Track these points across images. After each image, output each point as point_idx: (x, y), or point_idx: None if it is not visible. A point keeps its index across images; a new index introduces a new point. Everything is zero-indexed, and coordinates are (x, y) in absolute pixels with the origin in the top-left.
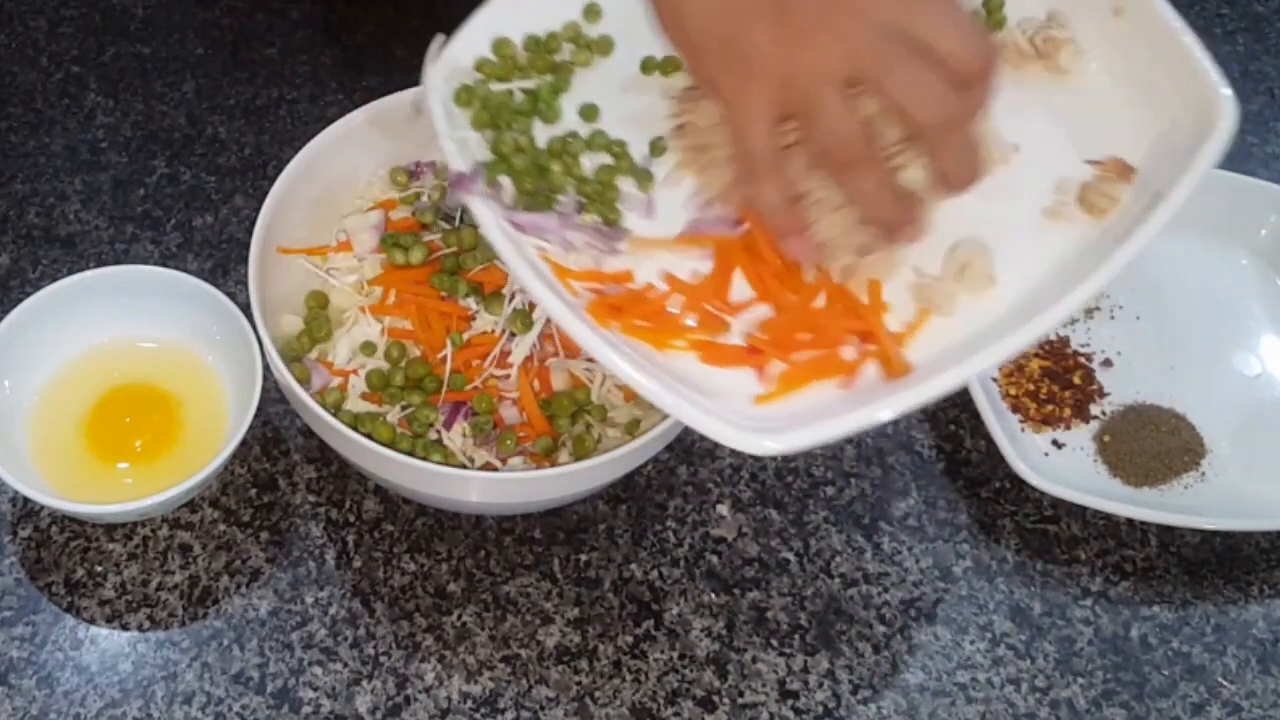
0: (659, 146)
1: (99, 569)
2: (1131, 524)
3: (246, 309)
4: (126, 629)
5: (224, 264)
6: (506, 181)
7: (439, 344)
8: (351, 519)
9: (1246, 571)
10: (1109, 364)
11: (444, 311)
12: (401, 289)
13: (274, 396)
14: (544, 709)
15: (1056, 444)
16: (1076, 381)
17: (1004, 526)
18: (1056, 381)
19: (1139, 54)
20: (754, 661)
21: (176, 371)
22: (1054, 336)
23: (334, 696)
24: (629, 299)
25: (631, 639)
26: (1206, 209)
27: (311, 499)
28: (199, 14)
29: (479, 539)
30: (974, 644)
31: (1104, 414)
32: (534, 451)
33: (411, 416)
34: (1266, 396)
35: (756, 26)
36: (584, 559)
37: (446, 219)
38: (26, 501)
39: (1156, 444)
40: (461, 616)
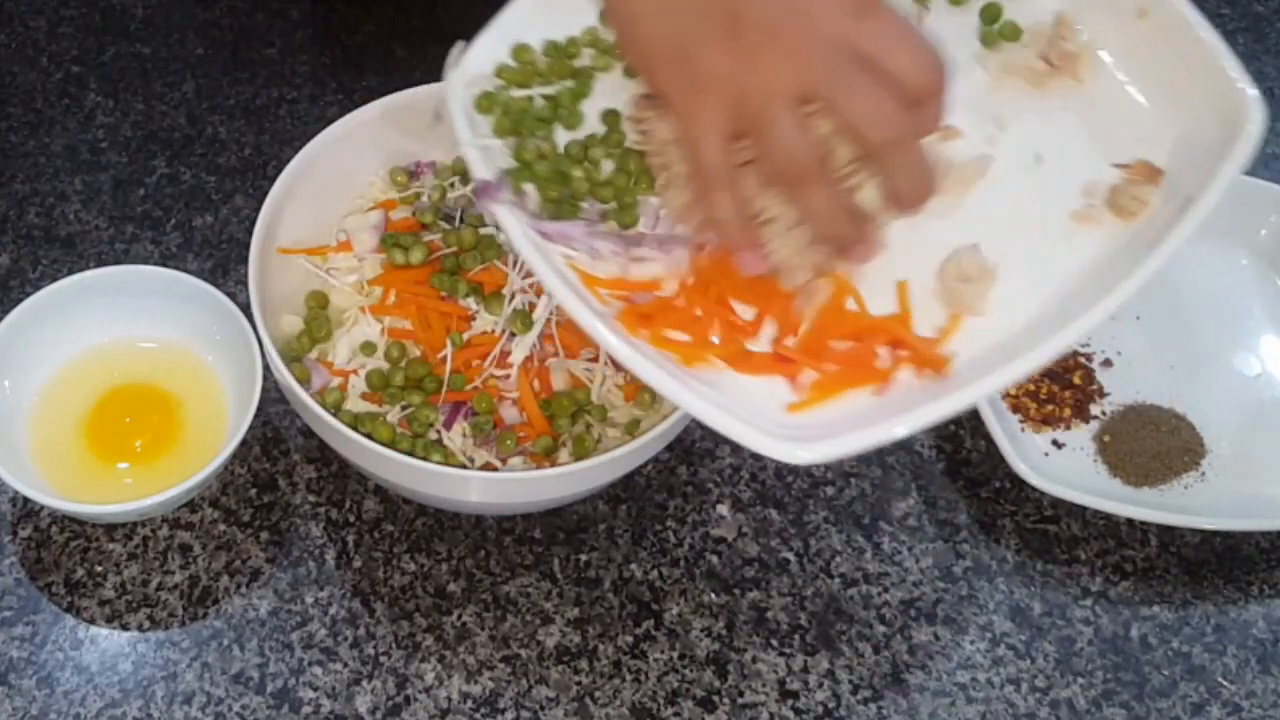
0: None
1: (99, 569)
2: (1131, 524)
3: (246, 309)
4: (126, 629)
5: (224, 264)
6: (530, 189)
7: (439, 344)
8: (351, 519)
9: (1246, 571)
10: (1109, 364)
11: (444, 311)
12: (401, 289)
13: (274, 396)
14: (544, 709)
15: (1056, 444)
16: (1076, 381)
17: (1004, 526)
18: (1056, 381)
19: (1163, 55)
20: (754, 661)
21: (176, 371)
22: None
23: (334, 696)
24: (658, 307)
25: (631, 639)
26: None
27: (311, 499)
28: (199, 14)
29: (479, 539)
30: (974, 644)
31: (1104, 414)
32: (534, 451)
33: (411, 416)
34: (1266, 396)
35: (708, 42)
36: (584, 559)
37: (446, 219)
38: (26, 501)
39: (1156, 444)
40: (461, 616)
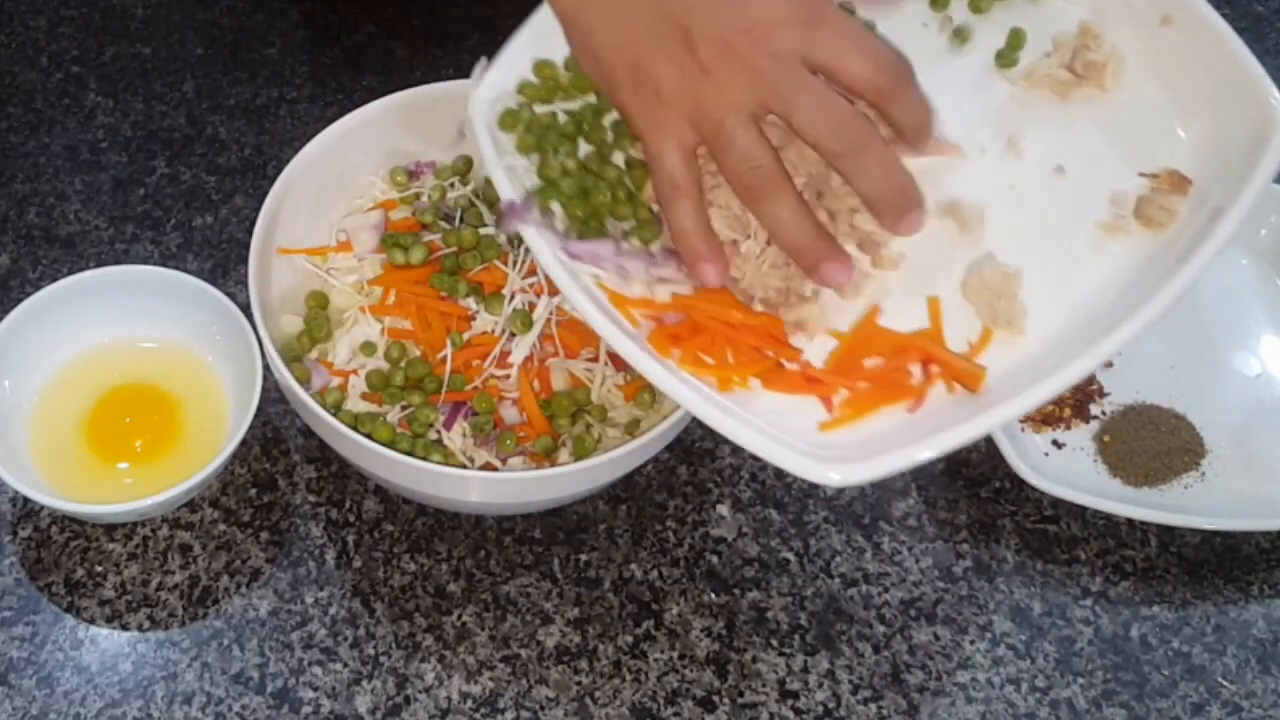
0: None
1: (99, 569)
2: (1131, 524)
3: (246, 309)
4: (126, 629)
5: (224, 264)
6: (557, 208)
7: (439, 344)
8: (351, 519)
9: (1246, 571)
10: (1109, 364)
11: (444, 311)
12: (401, 289)
13: (274, 396)
14: (544, 709)
15: (1056, 444)
16: None
17: (1004, 526)
18: None
19: (1188, 63)
20: (754, 661)
21: (176, 371)
22: None
23: (334, 696)
24: (688, 328)
25: (631, 639)
26: None
27: (311, 499)
28: (199, 14)
29: (479, 539)
30: (974, 644)
31: (1104, 414)
32: (534, 451)
33: (411, 416)
34: (1266, 396)
35: (662, 57)
36: (584, 559)
37: (446, 219)
38: (26, 501)
39: (1156, 444)
40: (461, 616)
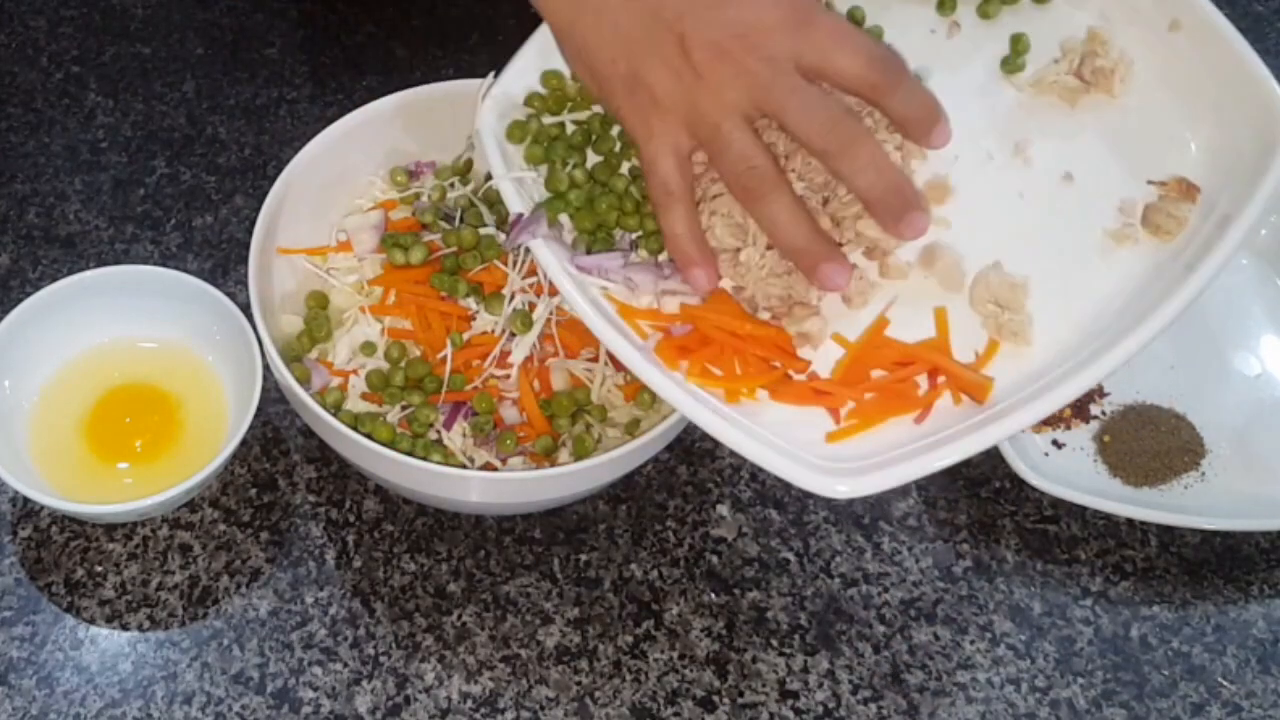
0: None
1: (99, 569)
2: (1131, 524)
3: (246, 309)
4: (126, 629)
5: (224, 264)
6: (565, 220)
7: (439, 344)
8: (351, 519)
9: (1246, 571)
10: None
11: (444, 311)
12: (401, 289)
13: (274, 396)
14: (544, 709)
15: (1056, 444)
16: None
17: (1004, 526)
18: None
19: (1196, 69)
20: (754, 661)
21: (176, 371)
22: None
23: (334, 696)
24: (696, 339)
25: (631, 639)
26: None
27: (311, 499)
28: (199, 14)
29: (479, 539)
30: (974, 644)
31: (1104, 414)
32: (534, 451)
33: (411, 416)
34: (1266, 396)
35: (657, 63)
36: (584, 559)
37: (446, 219)
38: (26, 501)
39: (1156, 444)
40: (461, 616)
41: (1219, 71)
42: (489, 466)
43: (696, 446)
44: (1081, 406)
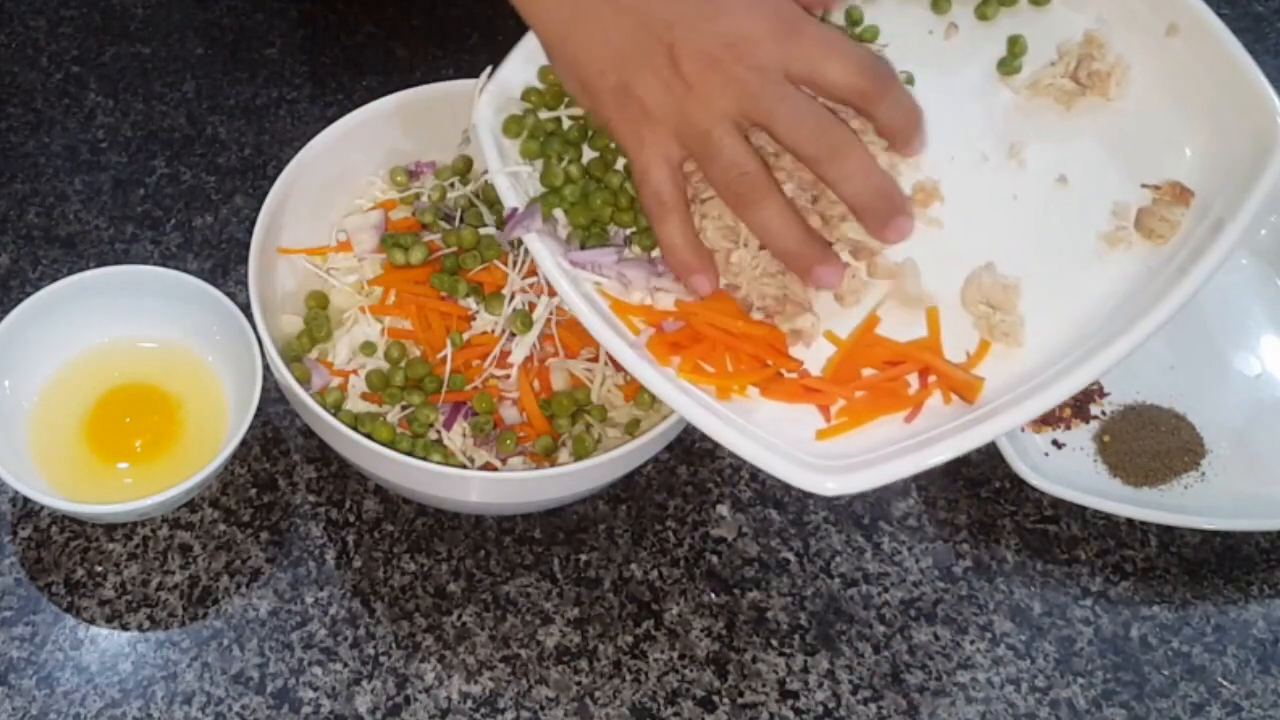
0: None
1: (99, 569)
2: (1131, 524)
3: (246, 309)
4: (126, 629)
5: (224, 264)
6: (560, 214)
7: (439, 344)
8: (351, 519)
9: (1246, 571)
10: None
11: (444, 311)
12: (401, 289)
13: (274, 396)
14: (544, 709)
15: (1056, 444)
16: None
17: (1004, 526)
18: None
19: (1193, 74)
20: (754, 661)
21: (176, 371)
22: None
23: (334, 696)
24: (688, 336)
25: (631, 639)
26: None
27: (311, 499)
28: (199, 14)
29: (479, 539)
30: (974, 644)
31: (1104, 414)
32: (534, 451)
33: (411, 416)
34: (1266, 396)
35: (647, 74)
36: (584, 559)
37: (446, 219)
38: (26, 501)
39: (1156, 444)
40: (461, 616)
41: (1215, 77)
42: (489, 466)
43: (696, 446)
44: (1081, 407)
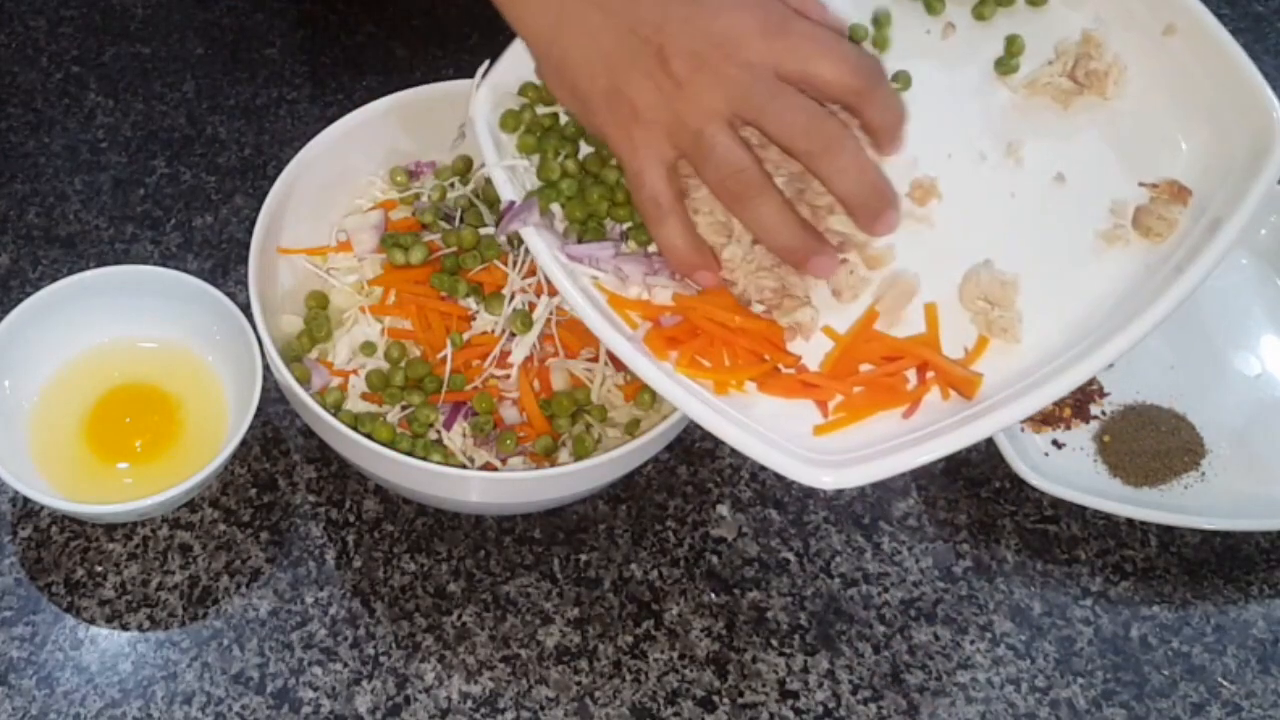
0: None
1: (99, 569)
2: (1131, 524)
3: (246, 309)
4: (126, 629)
5: (224, 264)
6: (557, 209)
7: (439, 344)
8: (351, 519)
9: (1246, 571)
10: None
11: (444, 311)
12: (401, 289)
13: (274, 396)
14: (544, 709)
15: (1056, 444)
16: None
17: (1004, 526)
18: None
19: (1190, 74)
20: (754, 661)
21: (176, 371)
22: None
23: (334, 696)
24: (685, 330)
25: (631, 639)
26: None
27: (311, 499)
28: (199, 14)
29: (479, 539)
30: (974, 644)
31: (1104, 414)
32: (534, 451)
33: (411, 416)
34: (1266, 396)
35: (637, 76)
36: (584, 559)
37: (446, 219)
38: (26, 501)
39: (1156, 444)
40: (461, 616)
41: (1213, 76)
42: (489, 466)
43: (696, 446)
44: (1081, 407)
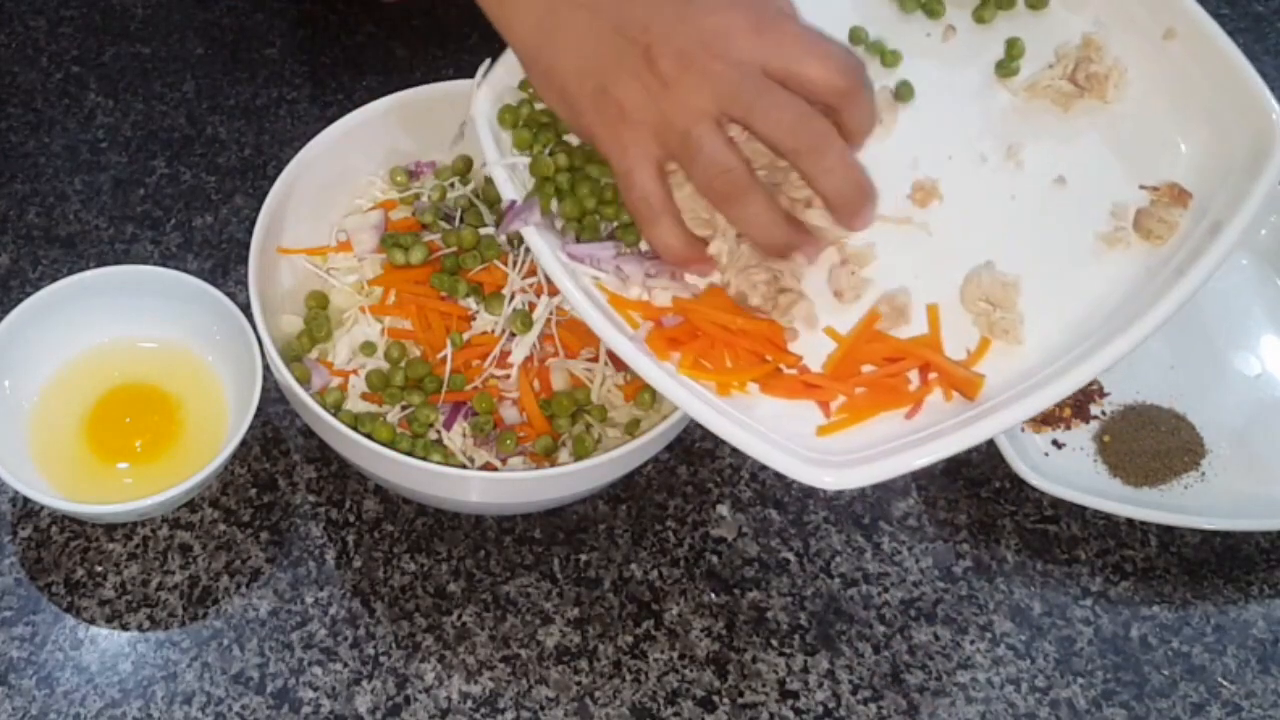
0: None
1: (99, 569)
2: (1131, 524)
3: (246, 309)
4: (126, 629)
5: (224, 264)
6: (556, 206)
7: (439, 344)
8: (351, 519)
9: (1246, 571)
10: None
11: (444, 311)
12: (401, 289)
13: (274, 396)
14: (544, 709)
15: (1056, 444)
16: None
17: (1004, 526)
18: None
19: (1190, 77)
20: (754, 661)
21: (176, 371)
22: None
23: (334, 696)
24: (686, 331)
25: (631, 639)
26: None
27: (311, 499)
28: (199, 14)
29: (479, 539)
30: (974, 644)
31: (1104, 414)
32: (534, 451)
33: (411, 416)
34: (1266, 396)
35: (625, 77)
36: (584, 559)
37: (446, 219)
38: (26, 501)
39: (1156, 444)
40: (461, 616)
41: (1213, 79)
42: (489, 466)
43: (696, 446)
44: (1081, 407)
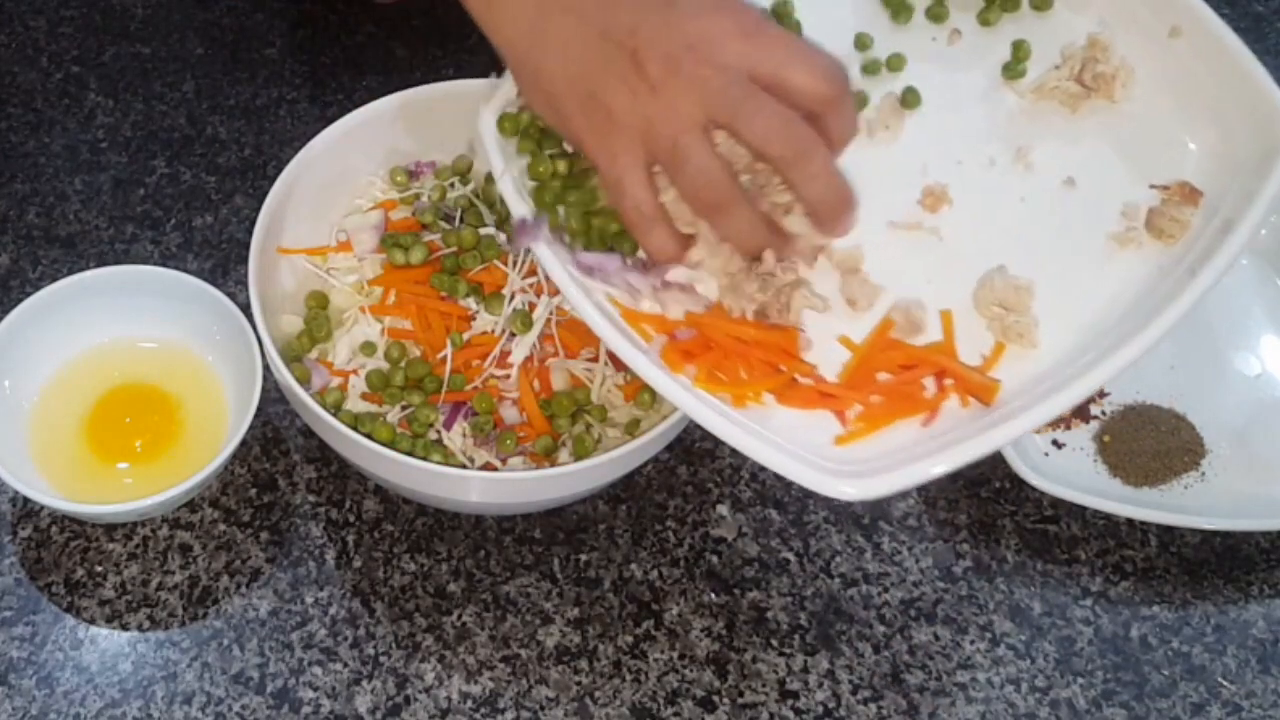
0: None
1: (99, 569)
2: (1131, 524)
3: (246, 309)
4: (126, 629)
5: (224, 264)
6: (563, 215)
7: (439, 344)
8: (351, 519)
9: (1246, 571)
10: None
11: (444, 311)
12: (401, 289)
13: (274, 396)
14: (544, 709)
15: (1056, 444)
16: None
17: (1004, 526)
18: None
19: (1197, 75)
20: (754, 661)
21: (176, 371)
22: None
23: (334, 696)
24: (700, 344)
25: (631, 639)
26: None
27: (311, 499)
28: (199, 14)
29: (479, 539)
30: (974, 644)
31: (1104, 414)
32: (534, 451)
33: (411, 416)
34: (1266, 396)
35: (613, 81)
36: (584, 559)
37: (446, 219)
38: (26, 501)
39: (1156, 444)
40: (461, 616)
41: (1219, 77)
42: (489, 466)
43: (696, 446)
44: (1081, 406)
